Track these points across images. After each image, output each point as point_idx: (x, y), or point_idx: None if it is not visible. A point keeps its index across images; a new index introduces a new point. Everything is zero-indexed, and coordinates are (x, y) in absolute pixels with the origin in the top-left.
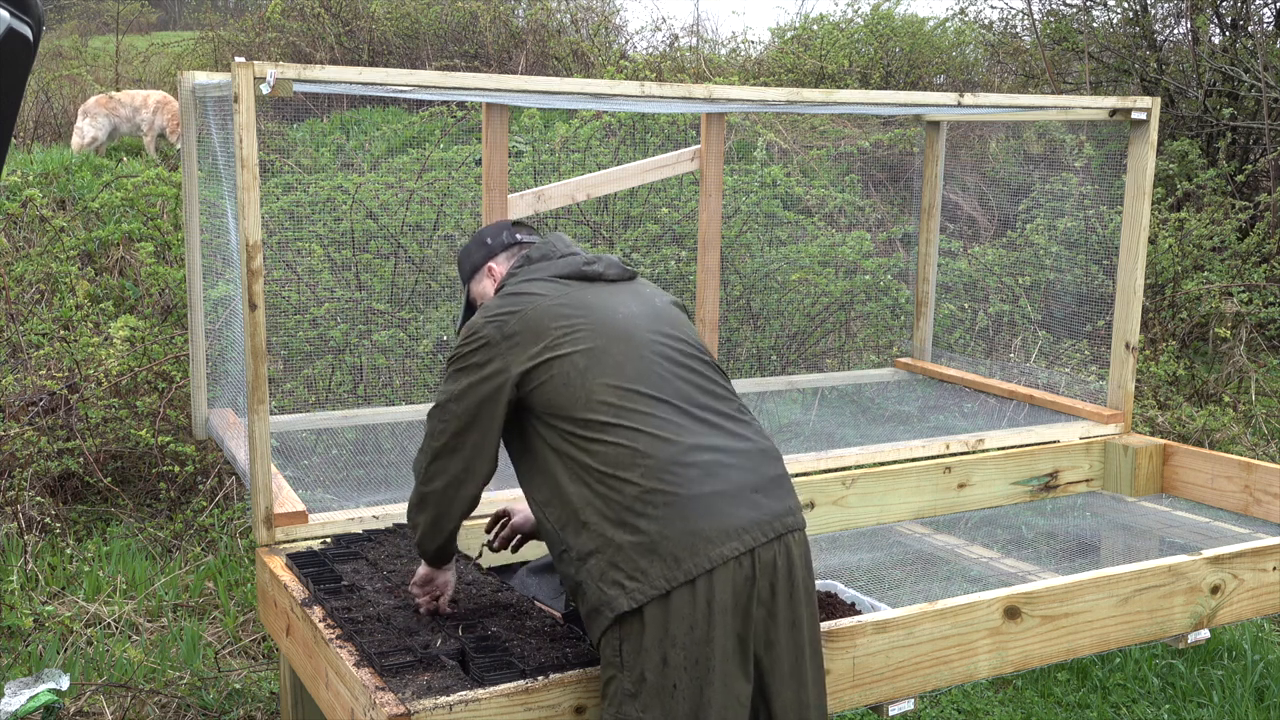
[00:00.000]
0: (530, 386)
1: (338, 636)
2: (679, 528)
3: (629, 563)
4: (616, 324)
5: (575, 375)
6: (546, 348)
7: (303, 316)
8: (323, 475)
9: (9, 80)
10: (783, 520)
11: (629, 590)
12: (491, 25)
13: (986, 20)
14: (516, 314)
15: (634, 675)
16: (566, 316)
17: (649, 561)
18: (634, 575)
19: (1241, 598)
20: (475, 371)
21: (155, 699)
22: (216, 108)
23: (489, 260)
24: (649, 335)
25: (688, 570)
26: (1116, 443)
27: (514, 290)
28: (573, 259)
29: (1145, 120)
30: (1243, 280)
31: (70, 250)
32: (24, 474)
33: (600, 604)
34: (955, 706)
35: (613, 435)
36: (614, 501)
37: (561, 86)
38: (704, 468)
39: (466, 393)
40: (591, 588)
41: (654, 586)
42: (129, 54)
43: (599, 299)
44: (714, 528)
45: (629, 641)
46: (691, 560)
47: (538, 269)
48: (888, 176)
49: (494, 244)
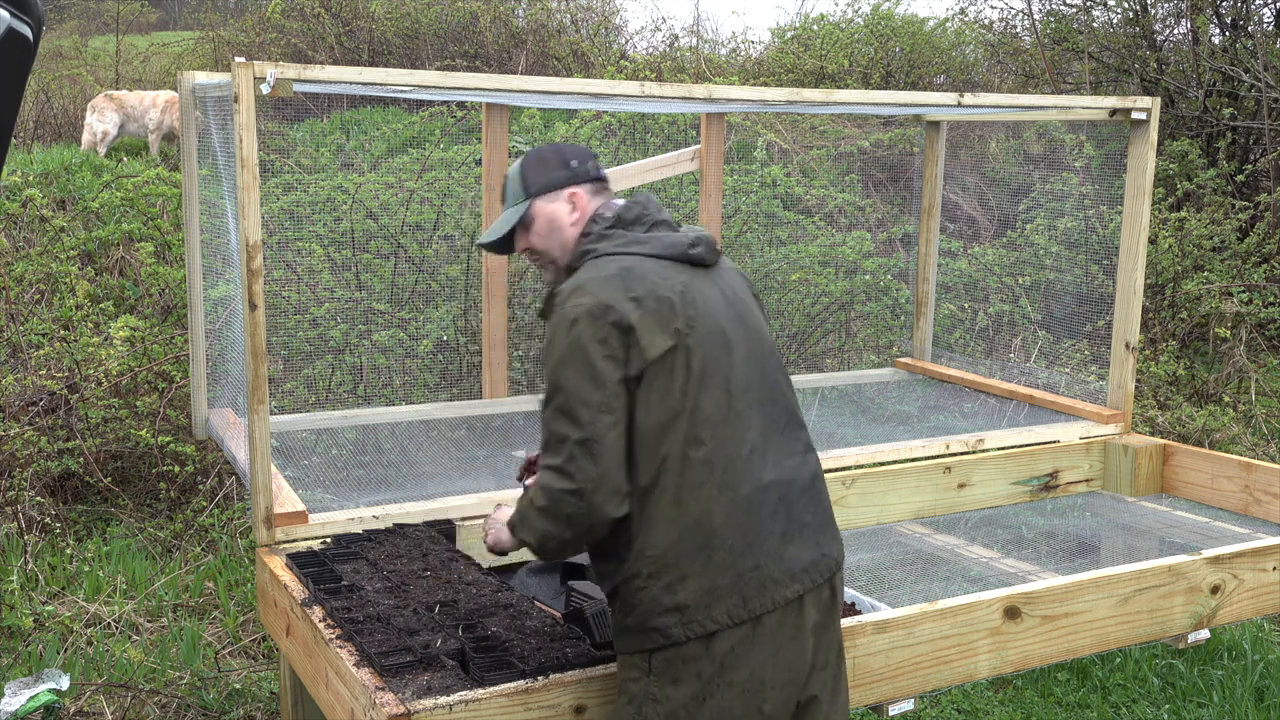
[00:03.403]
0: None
1: (338, 636)
2: (748, 564)
3: (695, 593)
4: (717, 328)
5: (679, 380)
6: (666, 343)
7: (303, 316)
8: (323, 475)
9: (9, 80)
10: (835, 562)
11: (686, 622)
12: (491, 25)
13: (986, 20)
14: (645, 298)
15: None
16: (679, 314)
17: (713, 596)
18: (696, 607)
19: (1241, 598)
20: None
21: (155, 699)
22: (216, 108)
23: (573, 185)
24: (740, 342)
25: (752, 610)
26: (1116, 443)
27: (626, 264)
28: (674, 237)
29: (1145, 120)
30: (1243, 280)
31: (70, 250)
32: (24, 474)
33: (648, 626)
34: (955, 706)
35: (700, 453)
36: (691, 525)
37: (561, 86)
38: (776, 505)
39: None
40: (643, 606)
41: (715, 622)
42: (129, 54)
43: (701, 294)
44: (781, 570)
45: (671, 661)
46: (758, 600)
47: (639, 241)
48: (888, 176)
49: (579, 169)
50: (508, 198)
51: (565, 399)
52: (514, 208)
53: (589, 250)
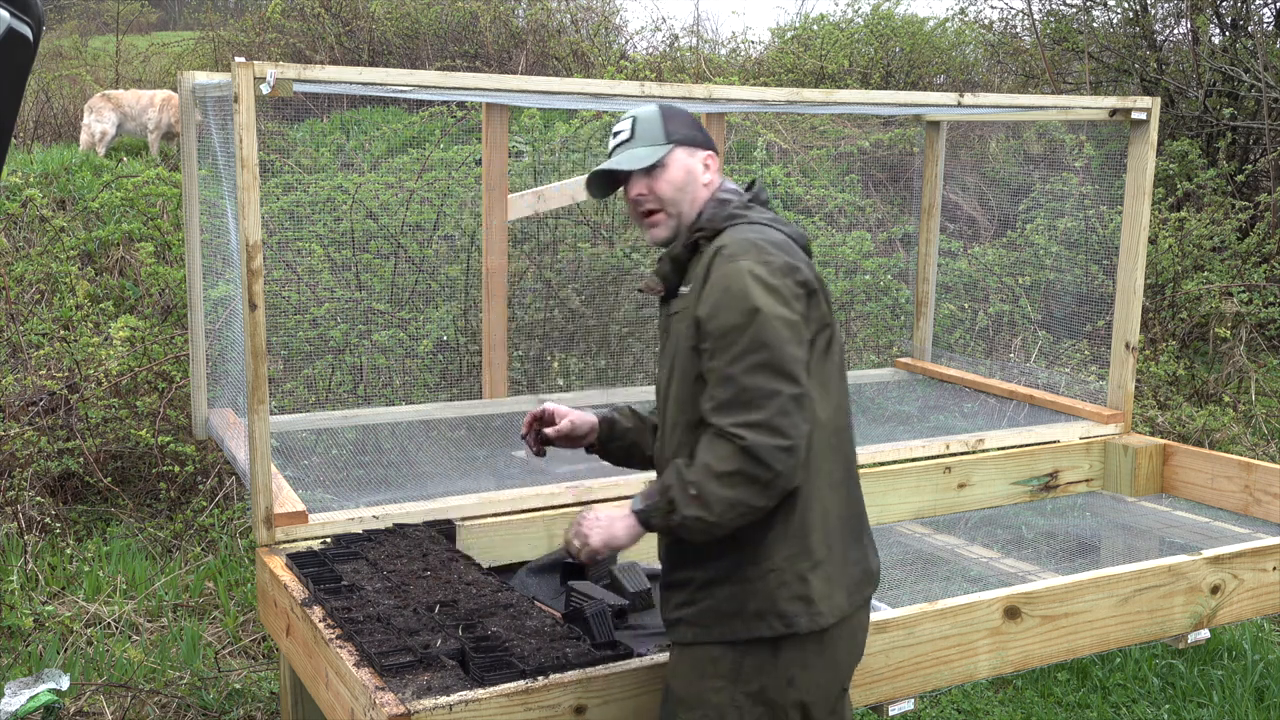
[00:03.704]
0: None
1: (338, 636)
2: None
3: (821, 583)
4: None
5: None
6: (829, 316)
7: (303, 316)
8: (323, 475)
9: (9, 80)
10: (877, 579)
11: (813, 613)
12: (491, 25)
13: (986, 20)
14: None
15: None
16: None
17: (832, 587)
18: (820, 597)
19: (1241, 598)
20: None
21: (155, 699)
22: (216, 108)
23: (709, 151)
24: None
25: (853, 602)
26: (1116, 443)
27: (780, 238)
28: (792, 225)
29: (1145, 120)
30: (1243, 280)
31: (70, 250)
32: (24, 474)
33: (771, 611)
34: (955, 706)
35: (845, 438)
36: (838, 510)
37: (561, 86)
38: (860, 511)
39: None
40: (767, 591)
41: (829, 616)
42: (129, 54)
43: None
44: (871, 570)
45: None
46: (858, 595)
47: (780, 221)
48: (888, 176)
49: (706, 139)
50: (637, 137)
51: (772, 354)
52: (650, 147)
53: (737, 215)
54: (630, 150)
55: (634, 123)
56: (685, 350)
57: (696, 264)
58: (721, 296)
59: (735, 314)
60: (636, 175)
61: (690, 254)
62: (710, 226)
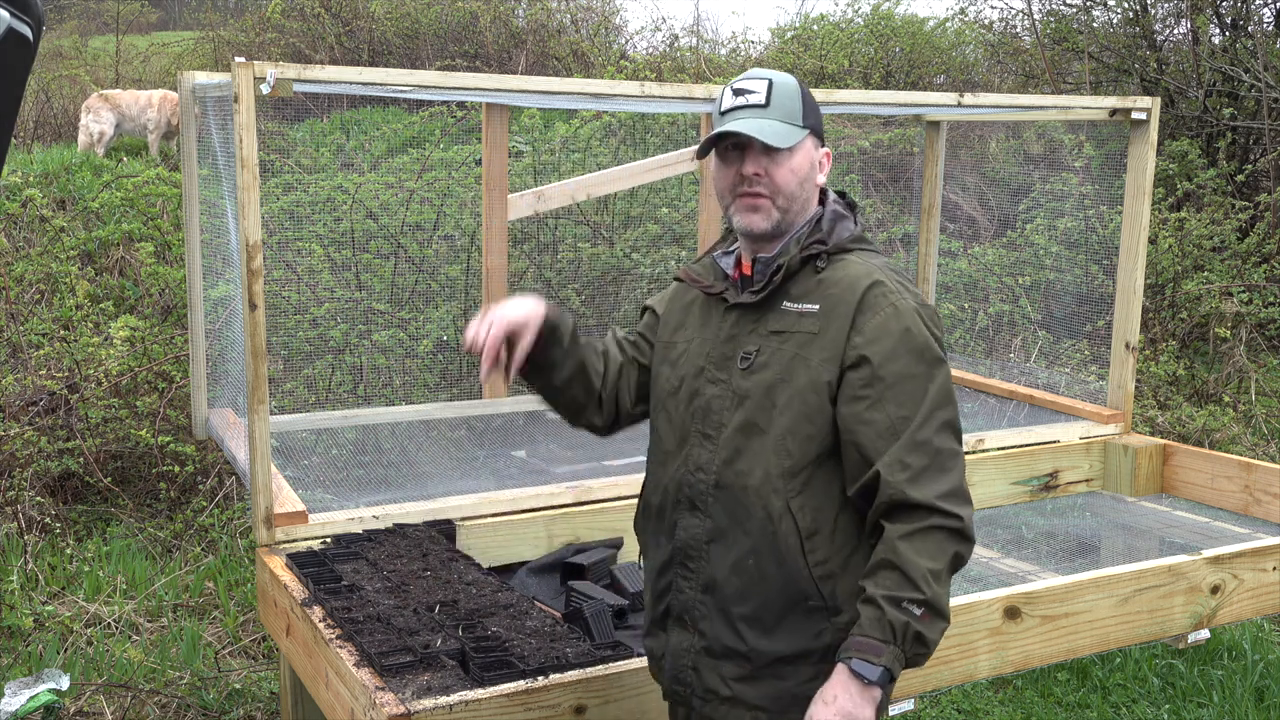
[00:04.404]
0: None
1: (338, 636)
2: None
3: None
4: None
5: None
6: None
7: (303, 316)
8: (323, 475)
9: (9, 80)
10: None
11: None
12: (491, 25)
13: (986, 20)
14: None
15: None
16: None
17: None
18: None
19: (1241, 598)
20: None
21: (155, 699)
22: (216, 108)
23: (827, 149)
24: None
25: None
26: (1116, 443)
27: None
28: None
29: (1145, 120)
30: (1243, 280)
31: (70, 250)
32: (24, 474)
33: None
34: (955, 706)
35: None
36: None
37: (561, 86)
38: None
39: None
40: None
41: None
42: (129, 54)
43: None
44: None
45: None
46: None
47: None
48: (888, 176)
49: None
50: (773, 106)
51: (954, 413)
52: (789, 126)
53: (864, 241)
54: (767, 121)
55: (770, 87)
56: (815, 383)
57: (808, 279)
58: (901, 340)
59: (918, 363)
60: (752, 153)
61: (801, 265)
62: (836, 245)
